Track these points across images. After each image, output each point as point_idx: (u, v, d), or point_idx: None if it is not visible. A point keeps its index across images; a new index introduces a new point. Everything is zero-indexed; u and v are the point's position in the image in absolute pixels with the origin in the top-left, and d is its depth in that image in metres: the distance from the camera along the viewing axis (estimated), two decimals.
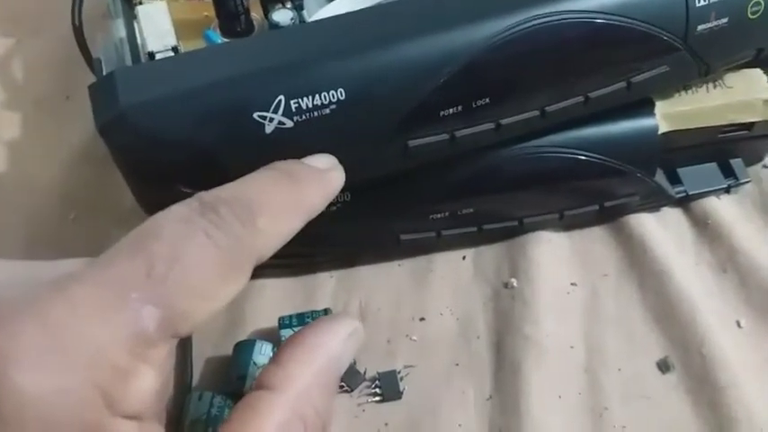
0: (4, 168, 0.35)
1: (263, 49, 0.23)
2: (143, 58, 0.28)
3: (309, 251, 0.30)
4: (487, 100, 0.25)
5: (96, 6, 0.38)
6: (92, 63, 0.33)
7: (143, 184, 0.23)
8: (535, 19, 0.24)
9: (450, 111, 0.24)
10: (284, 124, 0.22)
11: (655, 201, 0.33)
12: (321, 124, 0.23)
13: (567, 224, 0.32)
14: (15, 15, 0.42)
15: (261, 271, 0.31)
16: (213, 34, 0.28)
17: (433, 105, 0.24)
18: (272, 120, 0.22)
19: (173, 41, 0.26)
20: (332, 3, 0.29)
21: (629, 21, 0.25)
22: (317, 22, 0.24)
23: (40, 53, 0.39)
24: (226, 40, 0.28)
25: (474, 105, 0.25)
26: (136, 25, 0.29)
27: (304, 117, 0.23)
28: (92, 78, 0.36)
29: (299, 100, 0.22)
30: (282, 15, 0.27)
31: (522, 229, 0.31)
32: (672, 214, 0.33)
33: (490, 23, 0.24)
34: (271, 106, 0.22)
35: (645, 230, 0.32)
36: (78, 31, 0.32)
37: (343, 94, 0.23)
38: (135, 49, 0.29)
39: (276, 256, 0.29)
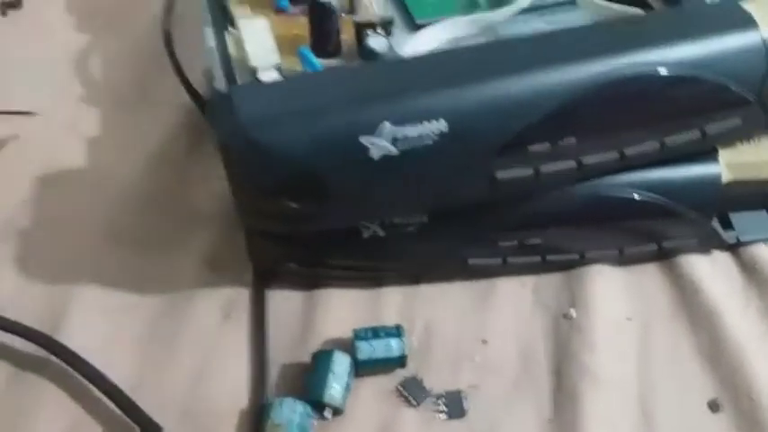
0: (83, 164, 0.36)
1: (371, 78, 0.24)
2: (237, 71, 0.29)
3: (383, 266, 0.31)
4: (573, 139, 0.26)
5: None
6: (179, 68, 0.35)
7: (251, 195, 0.24)
8: (625, 68, 0.26)
9: (539, 147, 0.26)
10: (390, 151, 0.24)
11: (708, 244, 0.34)
12: (423, 154, 0.24)
13: (625, 260, 0.33)
14: (91, 11, 0.43)
15: (331, 282, 0.32)
16: (309, 53, 0.29)
17: (525, 140, 0.25)
18: (377, 145, 0.23)
19: (276, 59, 0.27)
20: (421, 32, 0.30)
21: (710, 74, 0.27)
22: (421, 56, 0.26)
23: (117, 50, 0.40)
24: (320, 59, 0.30)
25: (561, 143, 0.26)
26: (228, 37, 0.31)
27: (408, 146, 0.24)
28: (169, 78, 0.38)
29: (404, 129, 0.24)
30: (378, 42, 0.28)
31: (582, 262, 0.33)
32: (722, 258, 0.34)
33: (584, 69, 0.25)
34: (377, 132, 0.23)
35: (697, 272, 0.33)
36: (167, 38, 0.33)
37: (446, 126, 0.24)
38: (227, 60, 0.30)
39: (351, 267, 0.30)
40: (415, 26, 0.33)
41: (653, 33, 0.26)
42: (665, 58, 0.26)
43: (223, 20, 0.32)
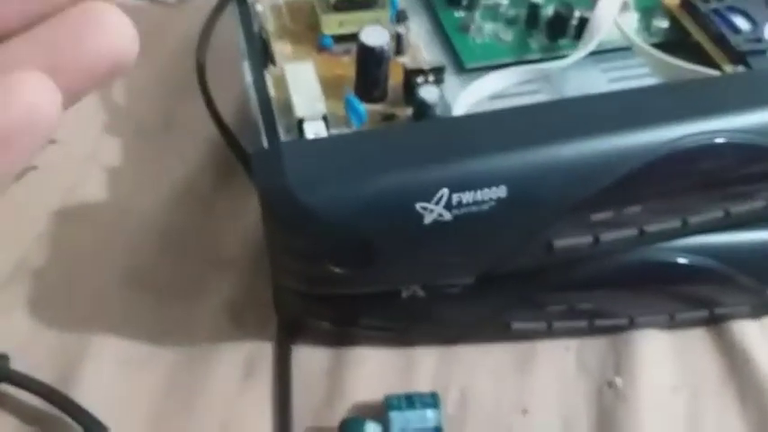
0: (103, 197, 0.34)
1: (427, 139, 0.22)
2: (278, 115, 0.27)
3: (420, 328, 0.29)
4: (639, 208, 0.24)
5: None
6: (208, 98, 0.33)
7: (291, 258, 0.23)
8: (697, 135, 0.24)
9: (602, 216, 0.24)
10: (443, 216, 0.22)
11: (760, 310, 0.32)
12: (478, 219, 0.22)
13: (675, 325, 0.32)
14: None
15: (361, 340, 0.31)
16: (355, 101, 0.27)
17: (587, 208, 0.24)
18: (432, 211, 0.22)
19: (323, 109, 0.25)
20: (473, 84, 0.29)
21: None
22: (479, 114, 0.24)
23: (144, 78, 0.38)
24: (363, 103, 0.28)
25: (625, 211, 0.24)
26: (268, 77, 0.29)
27: (463, 211, 0.22)
28: (196, 110, 0.36)
29: (462, 195, 0.22)
30: (430, 93, 0.26)
31: (630, 327, 0.31)
32: None
33: (653, 135, 0.24)
34: (434, 198, 0.22)
35: (748, 339, 0.31)
36: (201, 71, 0.32)
37: (505, 192, 0.22)
38: (265, 100, 0.28)
39: (384, 328, 0.29)
40: (463, 70, 0.32)
41: (723, 99, 0.25)
42: (735, 125, 0.24)
43: (262, 54, 0.31)
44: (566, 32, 0.32)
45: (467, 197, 0.22)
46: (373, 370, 0.29)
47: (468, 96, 0.27)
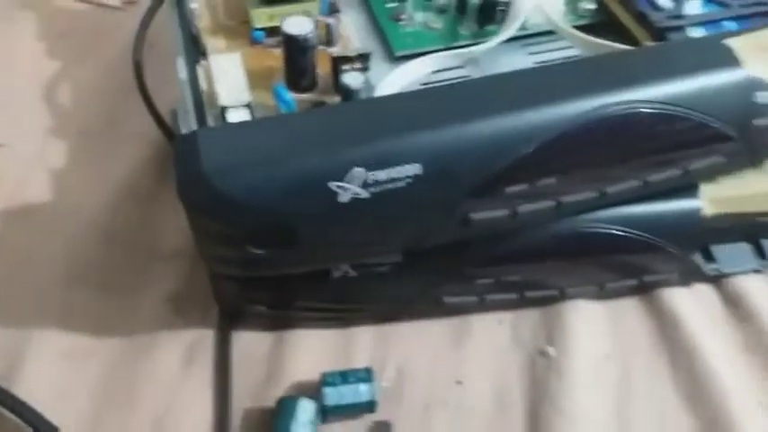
0: (48, 197, 0.35)
1: (343, 120, 0.23)
2: (208, 107, 0.28)
3: (355, 307, 0.30)
4: (553, 180, 0.25)
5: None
6: (149, 100, 0.34)
7: (213, 242, 0.23)
8: (604, 107, 0.25)
9: (517, 188, 0.25)
10: (360, 195, 0.23)
11: (689, 277, 0.33)
12: (395, 196, 0.23)
13: (605, 295, 0.33)
14: (61, 37, 0.42)
15: (299, 322, 0.31)
16: (283, 90, 0.28)
17: (501, 182, 0.25)
18: (347, 190, 0.23)
19: (246, 98, 0.26)
20: (399, 69, 0.30)
21: (693, 112, 0.26)
22: (396, 95, 0.25)
23: (87, 79, 0.39)
24: (292, 94, 0.29)
25: (540, 184, 0.25)
26: (200, 71, 0.30)
27: (380, 189, 0.23)
28: (140, 110, 0.37)
29: (377, 173, 0.23)
30: (354, 79, 0.27)
31: (561, 298, 0.32)
32: (704, 291, 0.33)
33: (562, 109, 0.25)
34: (348, 177, 0.22)
35: (677, 306, 0.33)
36: (138, 68, 0.32)
37: (420, 169, 0.23)
38: (198, 95, 0.29)
39: (320, 309, 0.29)
40: (394, 58, 0.33)
41: (634, 71, 0.26)
42: (647, 96, 0.25)
43: (196, 50, 0.31)
44: (494, 18, 0.33)
45: (382, 175, 0.23)
46: (312, 351, 0.30)
47: (393, 81, 0.28)
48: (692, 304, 0.33)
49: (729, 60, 0.27)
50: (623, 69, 0.26)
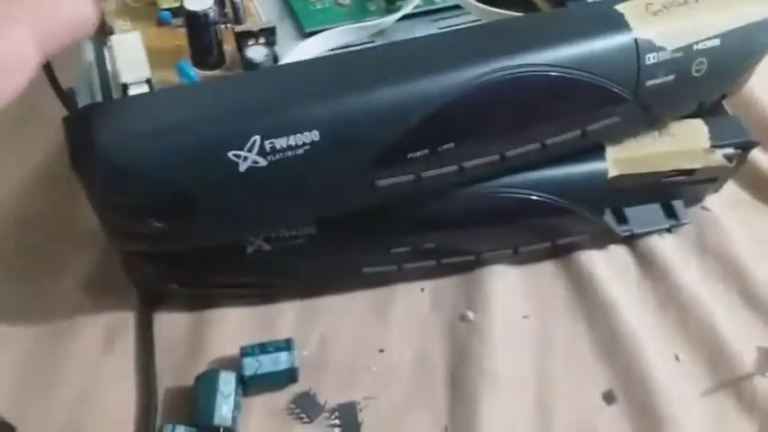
0: None
1: (240, 89, 0.23)
2: (113, 87, 0.28)
3: (272, 282, 0.30)
4: (452, 144, 0.26)
5: None
6: (58, 88, 0.33)
7: (114, 218, 0.23)
8: (498, 71, 0.26)
9: (418, 153, 0.26)
10: (258, 163, 0.23)
11: (602, 239, 0.35)
12: (294, 164, 0.23)
13: (521, 259, 0.33)
14: None
15: (222, 300, 0.32)
16: (186, 66, 0.28)
17: (401, 148, 0.25)
18: (246, 158, 0.23)
19: (146, 73, 0.26)
20: (305, 42, 0.30)
21: (586, 75, 0.27)
22: (293, 64, 0.25)
23: None
24: (198, 71, 0.29)
25: (440, 149, 0.26)
26: (106, 52, 0.30)
27: (278, 156, 0.23)
28: (52, 101, 0.36)
29: (274, 140, 0.23)
30: (257, 52, 0.27)
31: (478, 263, 0.33)
32: (618, 252, 0.35)
33: (456, 74, 0.25)
34: (246, 146, 0.23)
35: (593, 267, 0.34)
36: None
37: (318, 136, 0.23)
38: (105, 75, 0.29)
39: (238, 285, 0.30)
40: (304, 35, 0.33)
41: (530, 35, 0.27)
42: (541, 60, 0.26)
43: (102, 32, 0.31)
44: None
45: (280, 143, 0.23)
46: (234, 327, 0.30)
47: (297, 54, 0.29)
48: (606, 265, 0.34)
49: (620, 24, 0.28)
50: (518, 34, 0.27)
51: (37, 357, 0.29)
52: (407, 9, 0.32)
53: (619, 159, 0.32)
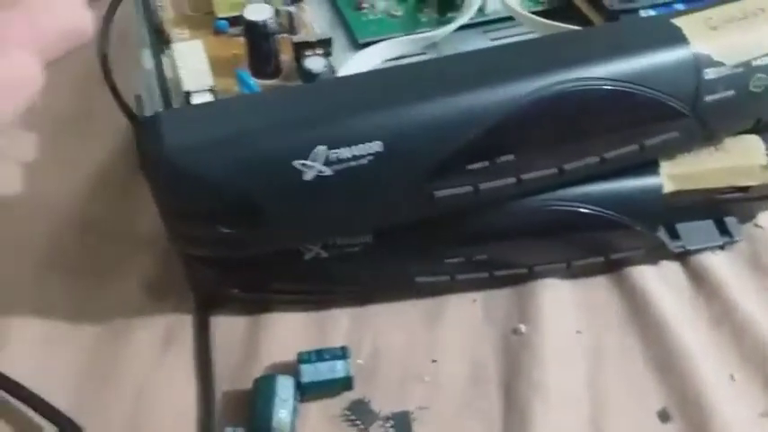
0: (22, 189, 0.35)
1: (305, 100, 0.24)
2: (174, 94, 0.29)
3: (328, 288, 0.30)
4: (512, 156, 0.26)
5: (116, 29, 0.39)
6: (115, 90, 0.34)
7: (180, 222, 0.24)
8: (556, 85, 0.26)
9: (477, 165, 0.26)
10: (323, 173, 0.23)
11: (655, 254, 0.34)
12: (358, 174, 0.24)
13: (574, 273, 0.33)
14: None
15: (276, 305, 0.32)
16: (246, 75, 0.29)
17: (462, 159, 0.25)
18: (311, 168, 0.23)
19: (209, 82, 0.26)
20: (360, 53, 0.30)
21: (645, 89, 0.27)
22: (355, 75, 0.26)
23: (58, 72, 0.39)
24: (256, 80, 0.29)
25: (499, 161, 0.26)
26: (166, 60, 0.30)
27: (342, 166, 0.23)
28: (110, 105, 0.37)
29: (340, 150, 0.23)
30: (315, 63, 0.28)
31: (530, 276, 0.33)
32: (671, 267, 0.34)
33: (515, 87, 0.25)
34: (311, 155, 0.23)
35: (646, 283, 0.33)
36: (104, 61, 0.32)
37: (381, 147, 0.24)
38: (164, 83, 0.29)
39: (294, 291, 0.30)
40: (357, 45, 0.33)
41: (587, 49, 0.27)
42: (599, 74, 0.26)
43: (161, 41, 0.32)
44: (453, 6, 0.34)
45: (344, 153, 0.23)
46: (288, 332, 0.31)
47: (353, 65, 0.29)
48: (659, 281, 0.34)
49: (678, 38, 0.28)
50: (576, 48, 0.27)
51: (97, 356, 0.30)
52: (461, 21, 0.32)
53: (674, 175, 0.32)
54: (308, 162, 0.23)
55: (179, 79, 0.26)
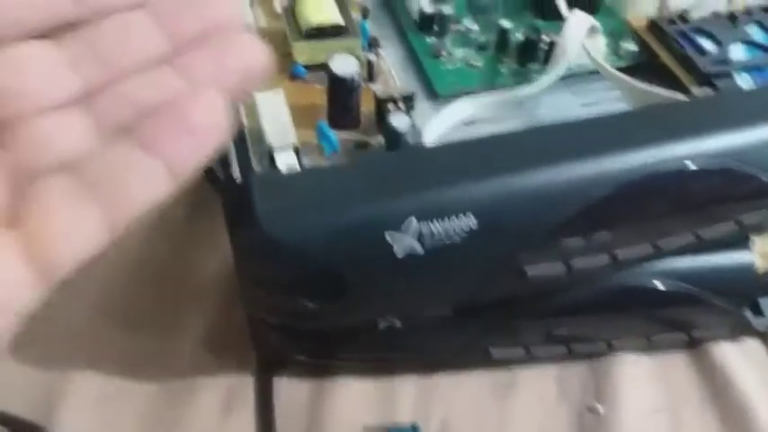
0: None
1: (398, 170, 0.22)
2: (250, 143, 0.27)
3: (399, 357, 0.29)
4: (608, 234, 0.24)
5: None
6: None
7: (259, 290, 0.22)
8: (666, 160, 0.24)
9: (573, 242, 0.24)
10: (415, 249, 0.22)
11: (738, 331, 0.32)
12: (450, 251, 0.22)
13: (653, 347, 0.31)
14: None
15: (341, 370, 0.30)
16: (326, 128, 0.27)
17: (558, 236, 0.24)
18: (403, 242, 0.22)
19: (293, 139, 0.25)
20: (446, 110, 0.29)
21: (750, 167, 0.25)
22: (451, 145, 0.24)
23: None
24: (335, 131, 0.28)
25: (595, 237, 0.24)
26: (240, 103, 0.29)
27: (435, 243, 0.22)
28: None
29: (433, 227, 0.22)
30: (401, 121, 0.26)
31: (609, 351, 0.31)
32: (753, 345, 0.32)
33: (624, 160, 0.24)
34: (403, 230, 0.21)
35: (727, 361, 0.31)
36: None
37: (476, 224, 0.22)
38: (239, 128, 0.28)
39: (361, 359, 0.28)
40: (436, 97, 0.32)
41: (695, 125, 0.25)
42: (701, 150, 0.24)
43: None
44: (535, 57, 0.33)
45: (437, 228, 0.22)
46: (354, 400, 0.29)
47: (438, 123, 0.28)
48: (741, 359, 0.32)
49: None
50: (682, 122, 0.25)
51: (155, 419, 0.28)
52: (548, 81, 0.30)
53: (766, 252, 0.30)
54: (399, 235, 0.22)
55: (263, 132, 0.25)
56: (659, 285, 0.28)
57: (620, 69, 0.33)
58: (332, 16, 0.31)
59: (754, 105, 0.27)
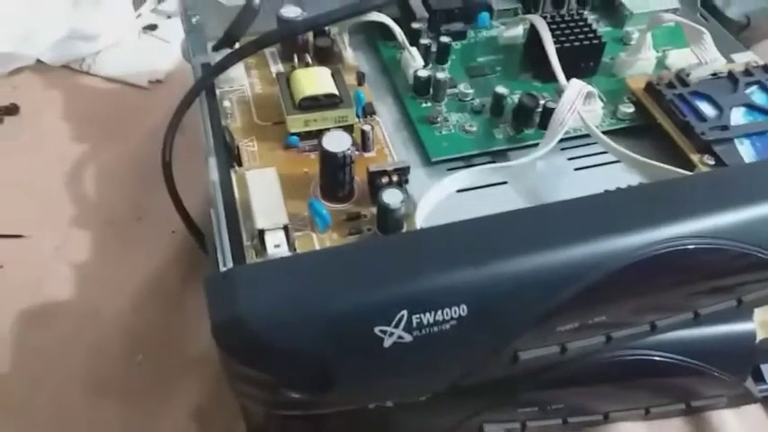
0: (70, 295, 0.34)
1: (388, 260, 0.22)
2: (242, 217, 0.27)
3: None
4: (604, 317, 0.24)
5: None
6: (175, 195, 0.32)
7: (246, 383, 0.22)
8: (663, 243, 0.23)
9: (567, 326, 0.24)
10: (403, 339, 0.21)
11: (738, 401, 0.32)
12: (439, 339, 0.22)
13: (651, 418, 0.31)
14: (88, 118, 0.41)
15: None
16: (319, 205, 0.27)
17: (552, 321, 0.23)
18: (391, 334, 0.21)
19: (284, 220, 0.25)
20: (440, 183, 0.29)
21: (750, 246, 0.25)
22: (442, 228, 0.24)
23: (112, 163, 0.38)
24: (327, 203, 0.28)
25: (591, 322, 0.24)
26: (234, 174, 0.29)
27: (424, 332, 0.22)
28: (165, 199, 0.36)
29: (422, 316, 0.21)
30: (393, 197, 0.26)
31: (605, 421, 0.30)
32: (753, 412, 0.32)
33: (620, 242, 0.23)
34: (393, 322, 0.21)
35: (725, 428, 0.31)
36: (167, 168, 0.31)
37: (465, 311, 0.22)
38: (230, 200, 0.28)
39: None
40: (429, 163, 0.32)
41: (697, 205, 0.24)
42: (703, 230, 0.24)
43: (227, 150, 0.30)
44: (530, 122, 0.33)
45: (426, 318, 0.21)
46: None
47: (432, 195, 0.27)
48: (740, 426, 0.31)
49: None
50: (683, 202, 0.24)
51: None
52: (544, 150, 0.30)
53: (766, 321, 0.30)
54: (389, 329, 0.21)
55: (252, 212, 0.25)
56: (656, 358, 0.28)
57: (619, 131, 0.33)
58: (326, 85, 0.31)
59: (754, 182, 0.26)
